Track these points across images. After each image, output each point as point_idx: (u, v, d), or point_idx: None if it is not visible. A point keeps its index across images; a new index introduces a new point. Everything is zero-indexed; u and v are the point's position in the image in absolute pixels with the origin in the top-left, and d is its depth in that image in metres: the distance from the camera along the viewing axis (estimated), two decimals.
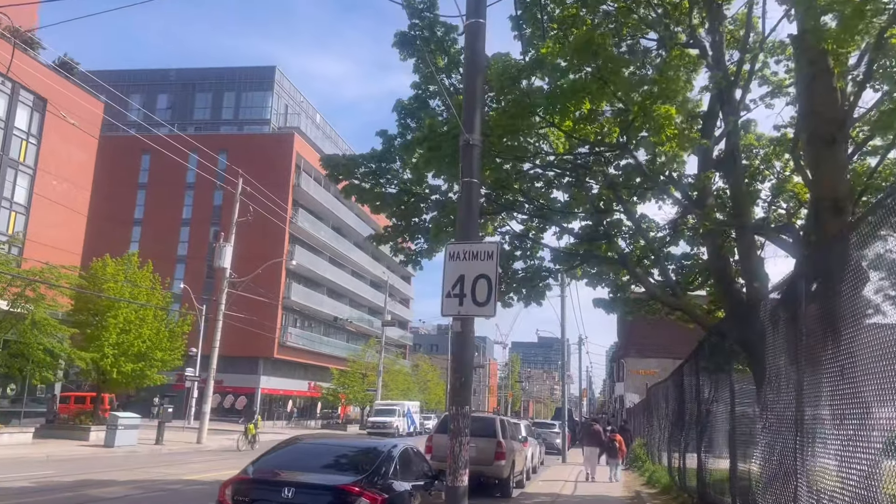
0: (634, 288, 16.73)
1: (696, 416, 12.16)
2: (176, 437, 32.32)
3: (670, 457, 17.03)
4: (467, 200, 7.52)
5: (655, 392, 22.53)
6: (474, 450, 15.88)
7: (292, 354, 61.18)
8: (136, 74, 65.95)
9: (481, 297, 7.25)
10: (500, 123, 8.89)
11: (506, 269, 14.12)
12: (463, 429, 7.13)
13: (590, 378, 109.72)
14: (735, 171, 11.67)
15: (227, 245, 32.55)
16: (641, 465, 24.37)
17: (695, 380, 13.11)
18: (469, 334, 7.39)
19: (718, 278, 12.23)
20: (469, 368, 7.33)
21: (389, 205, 12.51)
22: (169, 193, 59.41)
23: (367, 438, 9.21)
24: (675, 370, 16.56)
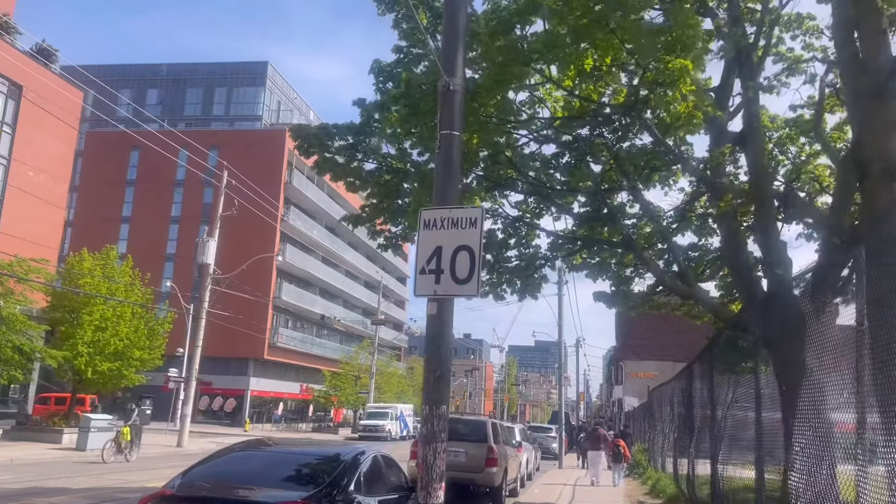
0: (638, 280, 15.49)
1: (710, 420, 10.86)
2: (156, 440, 30.94)
3: (677, 464, 15.73)
4: (446, 157, 6.22)
5: (658, 394, 21.23)
6: (464, 456, 14.58)
7: (283, 356, 59.79)
8: (126, 69, 64.64)
9: (462, 273, 5.96)
10: (490, 74, 7.62)
11: (498, 258, 12.84)
12: (438, 433, 5.82)
13: (587, 381, 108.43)
14: (755, 144, 10.40)
15: (210, 240, 31.25)
16: (643, 472, 23.07)
17: (706, 380, 11.84)
18: (447, 318, 6.09)
19: (734, 266, 10.95)
20: (446, 360, 6.03)
21: (366, 182, 11.23)
22: (158, 190, 58.04)
23: (330, 444, 7.86)
24: (682, 370, 15.26)
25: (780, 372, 8.86)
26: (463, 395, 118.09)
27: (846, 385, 6.00)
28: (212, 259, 31.26)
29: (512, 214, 12.47)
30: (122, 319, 27.91)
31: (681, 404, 15.04)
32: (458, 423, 16.00)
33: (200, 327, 31.12)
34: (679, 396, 15.51)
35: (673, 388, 16.60)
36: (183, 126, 59.98)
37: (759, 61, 11.68)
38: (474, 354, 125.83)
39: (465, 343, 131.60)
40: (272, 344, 57.21)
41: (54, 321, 27.18)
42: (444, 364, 5.99)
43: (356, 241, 74.82)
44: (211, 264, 31.48)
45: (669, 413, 17.34)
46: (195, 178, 54.79)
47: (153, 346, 29.41)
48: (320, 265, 65.57)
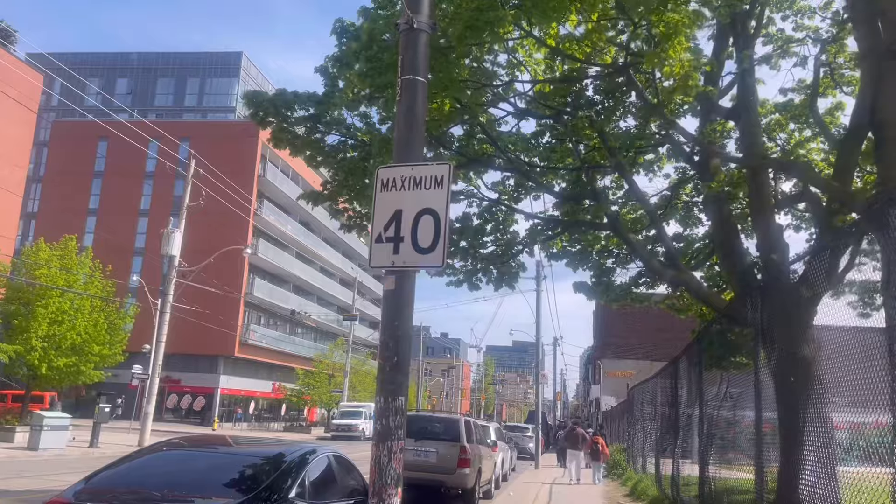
0: (619, 271, 14.71)
1: (699, 418, 10.06)
2: (117, 438, 29.64)
3: (659, 465, 14.96)
4: (408, 106, 5.31)
5: (638, 393, 20.50)
6: (434, 456, 13.66)
7: (255, 353, 58.43)
8: (95, 57, 62.81)
9: (425, 241, 5.05)
10: (462, 18, 6.73)
11: (474, 244, 11.94)
12: (394, 429, 4.91)
13: (564, 381, 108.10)
14: (749, 118, 9.61)
15: (176, 231, 30.00)
16: (622, 473, 22.34)
17: (695, 376, 11.06)
18: (407, 295, 5.18)
19: (725, 252, 10.15)
20: (405, 344, 5.10)
21: (329, 155, 10.28)
22: (127, 182, 56.38)
23: (278, 443, 6.87)
24: (665, 366, 14.49)
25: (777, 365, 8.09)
26: (440, 394, 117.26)
27: (863, 380, 5.23)
28: (177, 251, 30.04)
29: (489, 197, 11.59)
30: (81, 313, 26.60)
31: (665, 402, 14.27)
32: (430, 422, 15.10)
33: (164, 322, 29.87)
34: (662, 394, 14.74)
35: (656, 386, 15.83)
36: (153, 117, 58.44)
37: (751, 38, 10.94)
38: (451, 353, 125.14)
39: (442, 342, 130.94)
40: (243, 341, 55.85)
41: (8, 314, 25.85)
42: (403, 349, 5.07)
43: (332, 238, 73.56)
44: (176, 256, 30.24)
45: (651, 412, 16.58)
46: (165, 170, 53.24)
47: (114, 342, 28.13)
48: (294, 261, 64.28)
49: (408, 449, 14.12)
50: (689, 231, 14.33)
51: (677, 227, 14.29)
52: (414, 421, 15.17)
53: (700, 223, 14.61)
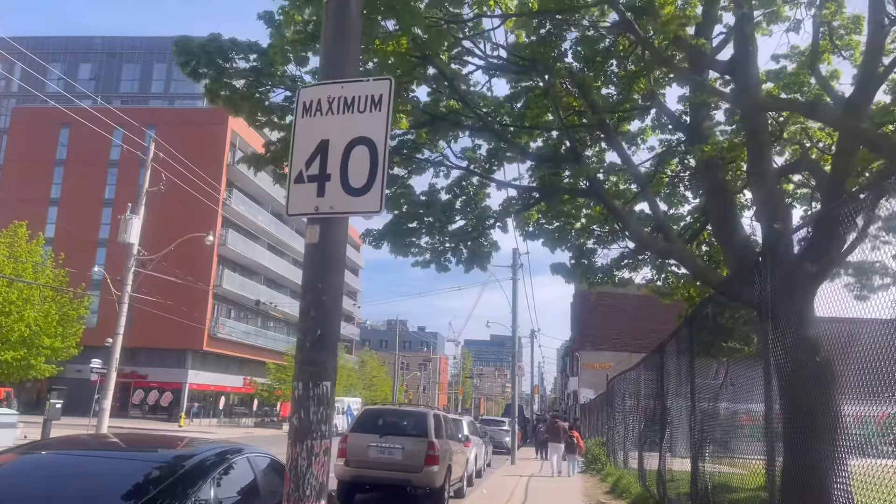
0: (601, 253, 13.64)
1: (690, 410, 8.99)
2: None
3: (642, 460, 13.93)
4: (339, 6, 4.10)
5: (618, 384, 19.49)
6: (399, 453, 12.52)
7: (225, 347, 56.80)
8: (57, 42, 60.48)
9: (358, 179, 3.86)
10: None
11: (442, 220, 10.76)
12: (316, 424, 3.71)
13: (542, 374, 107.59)
14: (749, 72, 8.53)
15: (133, 217, 28.45)
16: (602, 469, 21.34)
17: (685, 363, 10.00)
18: (335, 249, 3.98)
19: (719, 224, 9.08)
20: (333, 313, 3.90)
21: (273, 113, 9.04)
22: (90, 171, 54.33)
23: (190, 443, 5.60)
24: (650, 354, 13.44)
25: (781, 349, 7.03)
26: (417, 388, 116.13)
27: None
28: (136, 239, 28.51)
29: (458, 165, 10.40)
30: (30, 303, 25.02)
31: (649, 394, 13.22)
32: (395, 416, 13.96)
33: (122, 313, 28.33)
34: (646, 385, 13.70)
35: (639, 376, 14.79)
36: (118, 103, 56.38)
37: None
38: (428, 347, 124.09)
39: (419, 336, 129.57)
40: (213, 334, 54.20)
41: None
42: (329, 320, 3.86)
43: (304, 229, 71.99)
44: (135, 244, 28.69)
45: (634, 404, 15.55)
46: (130, 158, 51.40)
47: (67, 334, 26.53)
48: (266, 252, 62.68)
49: (371, 445, 12.97)
50: (674, 211, 13.32)
51: (662, 207, 13.25)
52: (378, 415, 14.01)
53: (686, 201, 13.60)
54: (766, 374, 6.38)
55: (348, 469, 12.63)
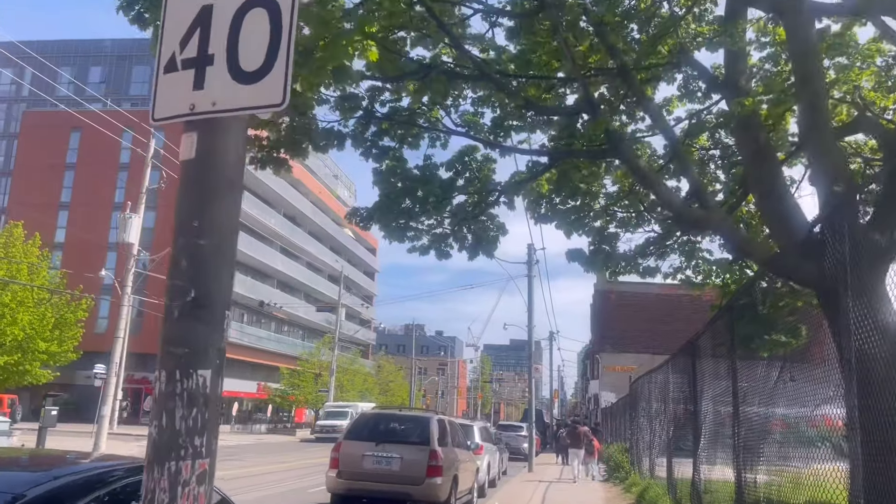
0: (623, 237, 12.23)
1: (733, 413, 7.53)
2: (70, 444, 27.03)
3: (672, 469, 12.44)
4: None
5: (642, 386, 17.97)
6: (398, 463, 11.12)
7: (236, 352, 55.71)
8: (67, 45, 60.07)
9: (251, 60, 2.52)
10: None
11: (438, 195, 9.40)
12: (186, 437, 2.36)
13: (561, 378, 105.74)
14: (800, 10, 7.09)
15: (133, 216, 27.40)
16: (625, 477, 19.81)
17: (723, 359, 8.56)
18: (221, 168, 2.62)
19: (762, 191, 7.61)
20: (214, 266, 2.53)
21: None
22: (100, 175, 53.69)
23: (63, 461, 4.20)
24: (680, 350, 11.96)
25: (854, 343, 5.60)
26: (435, 393, 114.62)
27: None
28: (135, 238, 27.46)
29: (454, 130, 9.03)
30: (24, 306, 23.99)
31: (679, 396, 11.74)
32: (394, 421, 12.59)
33: (123, 316, 27.27)
34: (676, 386, 12.22)
35: (666, 376, 13.29)
36: (128, 106, 55.70)
37: None
38: (446, 352, 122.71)
39: (436, 340, 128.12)
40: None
41: None
42: (208, 274, 2.50)
43: (319, 232, 71.03)
44: (135, 244, 27.65)
45: (661, 407, 14.05)
46: (140, 161, 50.66)
47: (64, 338, 25.48)
48: (278, 256, 61.69)
49: (366, 455, 11.59)
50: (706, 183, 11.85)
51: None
52: (375, 421, 12.66)
53: (717, 181, 12.16)
54: (847, 371, 4.91)
55: (341, 481, 11.28)
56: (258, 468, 22.90)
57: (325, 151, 9.18)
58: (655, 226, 12.20)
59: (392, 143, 9.48)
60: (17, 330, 23.50)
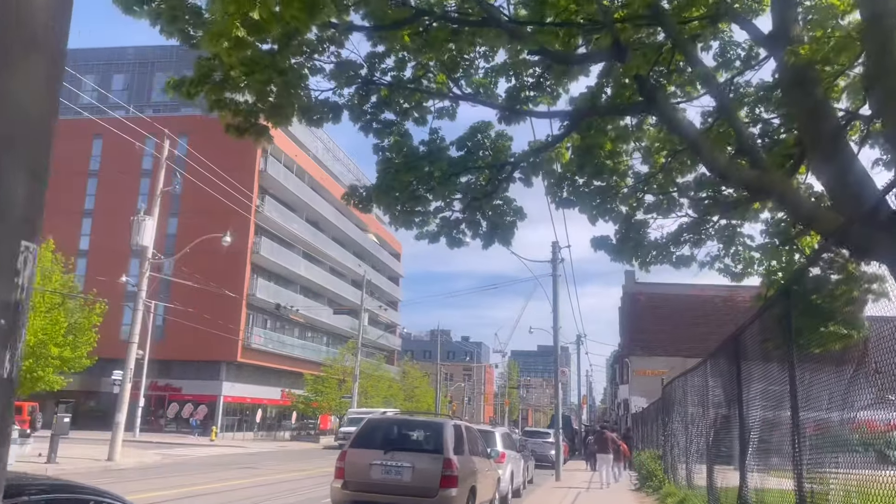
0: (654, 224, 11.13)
1: (792, 418, 6.40)
2: (85, 451, 26.50)
3: (713, 479, 11.26)
4: None
5: (676, 389, 16.74)
6: (409, 473, 10.09)
7: (260, 358, 55.27)
8: (89, 53, 60.27)
9: None
10: None
11: (444, 169, 8.40)
12: None
13: (590, 384, 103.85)
14: None
15: (147, 218, 26.84)
16: (659, 486, 18.57)
17: (777, 353, 7.47)
18: (24, 7, 1.65)
19: (823, 156, 6.47)
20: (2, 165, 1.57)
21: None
22: (123, 182, 53.62)
23: None
24: (720, 347, 10.80)
25: None
26: (461, 399, 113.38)
27: None
28: (149, 241, 26.91)
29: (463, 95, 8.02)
30: (36, 310, 23.45)
31: (722, 398, 10.57)
32: (404, 427, 11.60)
33: (137, 320, 26.68)
34: (718, 387, 11.05)
35: (705, 377, 12.12)
36: (151, 112, 55.63)
37: None
38: (472, 357, 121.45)
39: (462, 346, 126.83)
40: (247, 345, 52.70)
41: None
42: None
43: (342, 237, 70.44)
44: (149, 247, 27.08)
45: (699, 412, 12.85)
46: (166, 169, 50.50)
47: (78, 343, 24.89)
48: (301, 261, 61.13)
49: (374, 464, 10.58)
50: None
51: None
52: (383, 427, 11.68)
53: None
54: None
55: (346, 493, 10.30)
56: (273, 476, 22.06)
57: (320, 125, 8.25)
58: (689, 210, 11.09)
59: (395, 118, 8.52)
60: (28, 335, 22.97)
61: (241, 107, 6.68)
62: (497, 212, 9.60)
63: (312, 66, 8.09)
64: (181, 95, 6.72)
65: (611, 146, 9.32)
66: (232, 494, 16.47)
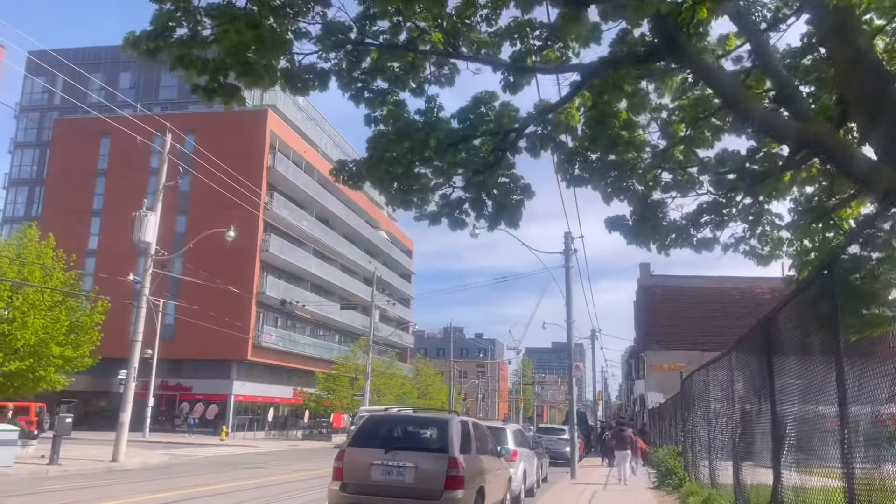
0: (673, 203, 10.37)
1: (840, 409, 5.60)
2: (89, 452, 25.99)
3: (740, 478, 10.44)
4: None
5: (698, 381, 15.88)
6: (411, 473, 9.35)
7: (271, 357, 54.79)
8: (97, 52, 60.05)
9: None
10: None
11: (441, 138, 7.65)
12: None
13: (605, 380, 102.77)
14: None
15: (150, 214, 26.27)
16: (679, 484, 17.75)
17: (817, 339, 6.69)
18: None
19: (870, 111, 5.65)
20: None
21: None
22: (131, 180, 53.26)
23: None
24: (748, 334, 9.98)
25: None
26: (475, 397, 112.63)
27: None
28: (152, 237, 26.32)
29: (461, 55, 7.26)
30: (37, 309, 22.92)
31: (751, 391, 9.75)
32: (409, 424, 10.88)
33: (140, 318, 26.10)
34: (745, 379, 10.23)
35: (730, 368, 11.28)
36: (158, 110, 55.29)
37: None
38: (485, 354, 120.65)
39: (476, 343, 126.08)
40: (257, 344, 52.22)
41: None
42: None
43: (353, 234, 69.84)
44: (152, 243, 26.50)
45: (725, 406, 12.02)
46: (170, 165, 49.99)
47: (80, 342, 24.36)
48: (312, 259, 60.59)
49: (374, 464, 9.82)
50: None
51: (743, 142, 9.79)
52: (384, 424, 10.95)
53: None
54: None
55: (344, 495, 9.58)
56: (279, 476, 21.42)
57: (305, 93, 7.53)
58: (711, 188, 10.30)
59: (387, 86, 7.78)
60: (28, 334, 22.42)
61: (210, 63, 5.95)
62: (503, 190, 8.84)
63: (297, 30, 7.38)
64: (140, 54, 5.98)
65: (626, 116, 8.55)
66: (229, 497, 15.81)
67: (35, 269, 23.52)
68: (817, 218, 8.20)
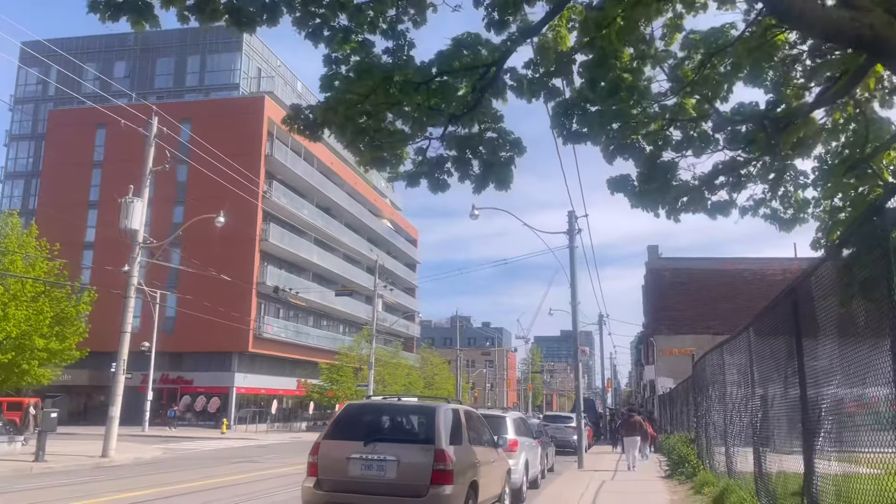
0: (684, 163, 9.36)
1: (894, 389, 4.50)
2: (79, 448, 25.15)
3: (762, 466, 9.38)
4: None
5: (713, 363, 14.79)
6: (393, 468, 8.29)
7: (273, 348, 53.94)
8: (90, 41, 58.96)
9: None
10: None
11: (416, 80, 6.57)
12: None
13: (614, 367, 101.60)
14: None
15: (136, 201, 25.29)
16: (693, 473, 16.70)
17: (862, 308, 5.58)
18: None
19: None
20: None
21: None
22: (127, 171, 52.18)
23: None
24: (770, 306, 8.87)
25: None
26: (483, 386, 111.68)
27: None
28: (139, 224, 25.36)
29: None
30: (18, 300, 21.99)
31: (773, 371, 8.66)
32: (391, 413, 9.84)
33: (129, 307, 25.16)
34: (767, 358, 9.13)
35: (748, 346, 10.19)
36: (154, 99, 54.25)
37: None
38: (493, 342, 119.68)
39: (483, 332, 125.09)
40: (258, 335, 51.35)
41: None
42: None
43: (356, 223, 68.83)
44: (139, 231, 25.54)
45: (742, 389, 10.93)
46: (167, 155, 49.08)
47: (65, 334, 23.43)
48: (313, 248, 59.61)
49: (353, 458, 8.72)
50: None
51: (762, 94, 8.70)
52: (364, 413, 9.92)
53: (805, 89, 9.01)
54: None
55: (319, 493, 8.57)
56: (273, 470, 20.49)
57: (251, 30, 6.45)
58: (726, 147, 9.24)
59: (350, 23, 6.68)
60: (9, 326, 21.50)
61: None
62: (490, 146, 7.78)
63: None
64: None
65: (628, 56, 7.44)
66: (213, 493, 14.85)
67: (16, 259, 22.57)
68: (850, 168, 7.09)
